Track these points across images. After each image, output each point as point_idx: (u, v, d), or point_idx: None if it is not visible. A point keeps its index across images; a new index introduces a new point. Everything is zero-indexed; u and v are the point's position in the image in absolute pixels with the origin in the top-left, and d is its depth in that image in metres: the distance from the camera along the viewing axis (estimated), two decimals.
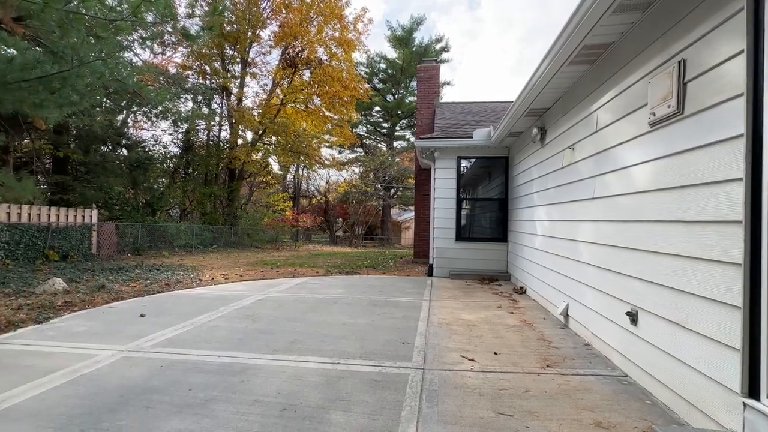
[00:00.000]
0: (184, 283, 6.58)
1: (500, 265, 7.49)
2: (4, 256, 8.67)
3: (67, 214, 10.36)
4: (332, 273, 8.28)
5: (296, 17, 18.88)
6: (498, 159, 7.60)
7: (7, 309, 4.33)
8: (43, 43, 5.68)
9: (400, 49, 30.01)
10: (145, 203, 15.35)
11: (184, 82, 15.26)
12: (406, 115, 32.77)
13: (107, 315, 4.30)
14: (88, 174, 13.27)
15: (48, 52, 4.14)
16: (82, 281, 6.38)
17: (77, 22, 3.03)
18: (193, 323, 3.99)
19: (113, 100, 10.92)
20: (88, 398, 2.30)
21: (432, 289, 6.23)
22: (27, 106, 3.49)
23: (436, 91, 10.68)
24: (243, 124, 18.71)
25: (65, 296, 5.11)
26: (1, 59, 3.30)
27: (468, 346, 3.39)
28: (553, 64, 3.52)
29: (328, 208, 31.72)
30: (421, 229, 10.71)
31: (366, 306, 4.96)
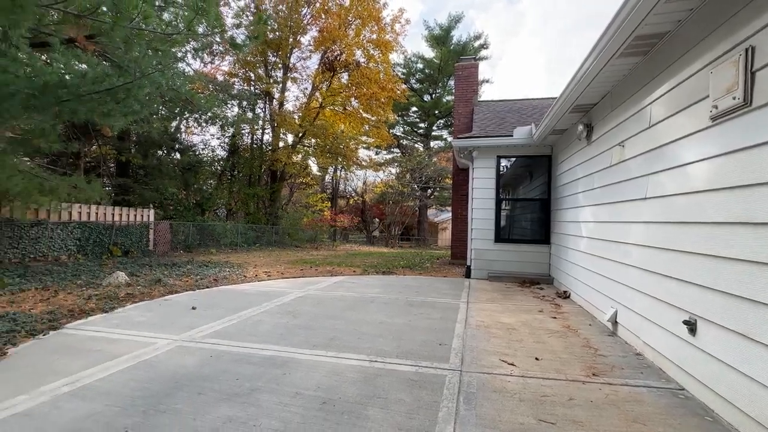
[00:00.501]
0: (230, 279, 6.95)
1: (542, 267, 7.21)
2: (76, 251, 9.62)
3: (128, 214, 11.29)
4: (369, 272, 8.38)
5: (335, 21, 19.30)
6: (540, 158, 7.32)
7: (79, 299, 4.81)
8: (108, 57, 6.25)
9: (437, 48, 29.74)
10: (196, 203, 16.37)
11: (230, 89, 16.12)
12: (443, 114, 32.41)
13: (163, 307, 4.64)
14: (146, 176, 14.38)
15: (114, 66, 4.56)
16: (141, 275, 6.94)
17: (139, 38, 3.32)
18: (239, 317, 4.22)
19: (168, 107, 11.78)
20: (148, 382, 2.51)
21: (470, 291, 6.12)
22: (97, 115, 3.86)
23: (474, 90, 10.48)
24: (284, 127, 19.41)
25: (127, 288, 5.58)
26: (76, 74, 3.67)
27: (507, 350, 3.31)
28: (602, 57, 3.34)
29: (365, 209, 32.09)
30: (458, 230, 10.55)
31: (402, 306, 4.97)
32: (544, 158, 7.27)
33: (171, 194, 14.97)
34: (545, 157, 7.26)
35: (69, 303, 4.55)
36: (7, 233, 8.15)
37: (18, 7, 2.04)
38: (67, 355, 2.96)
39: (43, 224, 8.88)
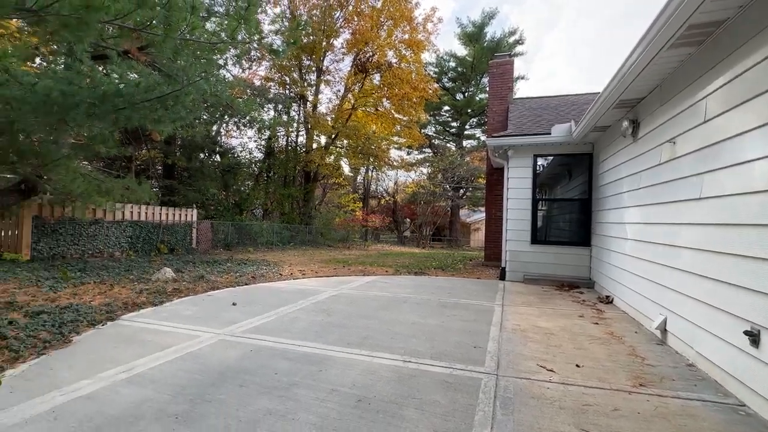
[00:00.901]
0: (267, 277, 7.20)
1: (582, 271, 6.90)
2: (128, 248, 10.33)
3: (174, 213, 11.98)
4: (401, 273, 8.38)
5: (367, 23, 19.48)
6: (580, 156, 7.01)
7: (132, 292, 5.17)
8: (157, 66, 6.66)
9: (470, 45, 29.23)
10: (234, 204, 17.09)
11: (267, 93, 16.70)
12: (476, 113, 31.80)
13: (206, 302, 4.89)
14: (189, 178, 15.20)
15: (162, 75, 4.85)
16: (185, 271, 7.34)
17: (186, 47, 3.53)
18: (276, 313, 4.36)
19: (210, 113, 12.39)
20: (194, 373, 2.66)
21: (504, 294, 5.97)
22: (148, 121, 4.14)
23: (509, 87, 10.21)
24: (318, 129, 19.84)
25: (173, 284, 5.93)
26: (130, 84, 3.95)
27: (545, 356, 3.20)
28: (650, 49, 3.16)
29: (396, 209, 32.13)
30: (492, 230, 10.32)
31: (435, 307, 4.94)
32: (585, 156, 6.96)
33: (212, 195, 15.74)
34: (585, 156, 6.95)
35: (123, 296, 4.90)
36: (69, 231, 8.89)
37: (83, 24, 2.25)
38: (122, 345, 3.20)
39: (99, 223, 9.60)
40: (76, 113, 3.74)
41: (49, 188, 5.51)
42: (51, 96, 3.73)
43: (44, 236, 8.42)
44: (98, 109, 3.85)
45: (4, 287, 5.00)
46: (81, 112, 3.74)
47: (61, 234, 8.74)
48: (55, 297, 4.59)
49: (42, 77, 3.91)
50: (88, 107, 3.78)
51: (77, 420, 2.01)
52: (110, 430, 1.93)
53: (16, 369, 2.64)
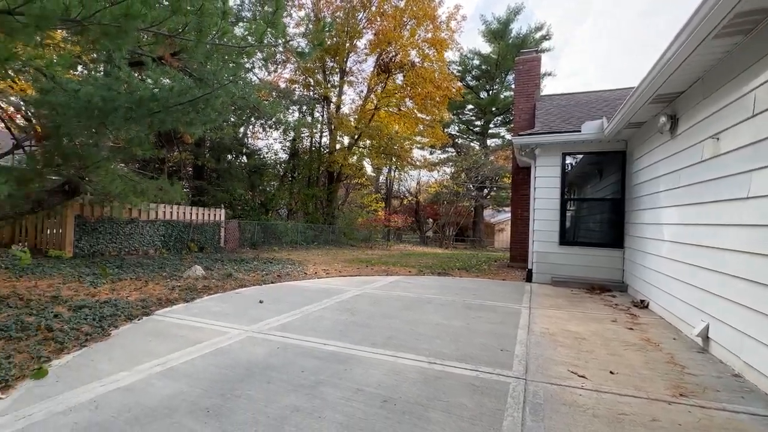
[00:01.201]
0: (292, 275, 7.32)
1: (614, 273, 6.62)
2: (161, 246, 10.77)
3: (203, 213, 12.39)
4: (424, 273, 8.33)
5: (390, 23, 19.49)
6: (612, 154, 6.74)
7: (165, 289, 5.38)
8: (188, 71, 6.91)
9: (495, 42, 28.72)
10: (260, 204, 17.50)
11: (291, 95, 17.01)
12: (501, 111, 31.22)
13: (234, 299, 5.02)
14: (218, 179, 15.69)
15: (194, 79, 5.02)
16: (214, 269, 7.58)
17: (217, 52, 3.65)
18: (301, 312, 4.42)
19: (237, 115, 12.75)
20: (224, 368, 2.73)
21: (532, 296, 5.82)
22: (181, 124, 4.30)
23: (536, 84, 9.95)
24: (341, 129, 20.02)
25: (203, 281, 6.13)
26: (164, 89, 4.11)
27: (577, 361, 3.08)
28: (692, 40, 2.98)
29: (419, 209, 31.99)
30: (518, 231, 10.09)
31: (460, 308, 4.87)
32: (617, 154, 6.68)
33: (239, 195, 16.17)
34: (618, 154, 6.67)
35: (157, 292, 5.11)
36: (108, 230, 9.37)
37: (122, 32, 2.36)
38: (157, 339, 3.33)
39: (135, 222, 10.06)
40: (114, 117, 3.92)
41: (89, 189, 5.83)
42: (92, 101, 3.93)
43: (85, 234, 8.90)
44: (135, 113, 4.03)
45: (50, 282, 5.32)
46: (119, 116, 3.92)
47: (100, 233, 9.22)
48: (96, 292, 4.84)
49: (84, 84, 4.13)
50: (125, 111, 3.96)
51: (116, 410, 2.10)
52: (147, 420, 2.01)
53: (61, 359, 2.79)
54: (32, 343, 2.96)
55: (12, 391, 2.29)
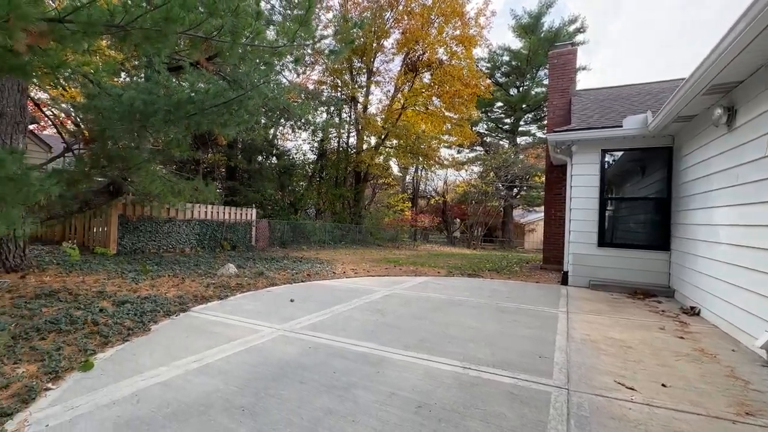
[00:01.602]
0: (321, 275, 7.38)
1: (658, 277, 6.22)
2: (196, 245, 11.18)
3: (235, 213, 12.77)
4: (453, 274, 8.17)
5: (418, 22, 19.34)
6: (656, 150, 6.33)
7: (200, 286, 5.55)
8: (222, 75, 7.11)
9: (525, 37, 27.89)
10: (290, 203, 17.84)
11: (320, 96, 17.21)
12: (531, 108, 30.31)
13: (266, 297, 5.10)
14: (249, 179, 16.13)
15: (227, 82, 5.14)
16: (246, 267, 7.76)
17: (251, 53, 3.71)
18: (331, 311, 4.42)
19: (267, 117, 13.03)
20: (257, 366, 2.74)
21: (569, 300, 5.55)
22: (215, 126, 4.41)
23: (571, 79, 9.53)
24: (368, 129, 20.07)
25: (236, 279, 6.28)
26: (200, 91, 4.22)
27: (623, 371, 2.88)
28: (756, 24, 2.71)
29: (446, 209, 31.59)
30: (552, 232, 9.70)
31: (493, 311, 4.71)
32: (662, 151, 6.27)
33: (269, 195, 16.55)
34: (664, 150, 6.26)
35: (193, 289, 5.27)
36: (148, 228, 9.82)
37: (162, 36, 2.43)
38: (193, 335, 3.41)
39: (173, 221, 10.50)
40: (155, 119, 4.07)
41: (131, 189, 6.11)
42: (134, 105, 4.10)
43: (127, 233, 9.37)
44: (173, 116, 4.16)
45: (96, 278, 5.61)
46: (159, 119, 4.06)
47: (141, 231, 9.68)
48: (137, 288, 5.05)
49: (126, 89, 4.31)
50: (164, 114, 4.09)
51: (156, 405, 2.15)
52: (184, 417, 2.04)
53: (106, 353, 2.91)
54: (79, 336, 3.11)
55: (61, 382, 2.40)
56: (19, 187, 2.98)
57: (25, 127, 5.28)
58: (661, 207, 6.28)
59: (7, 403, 2.06)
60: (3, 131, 4.85)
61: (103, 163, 5.03)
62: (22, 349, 2.78)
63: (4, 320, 3.31)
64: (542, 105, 30.38)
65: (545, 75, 30.52)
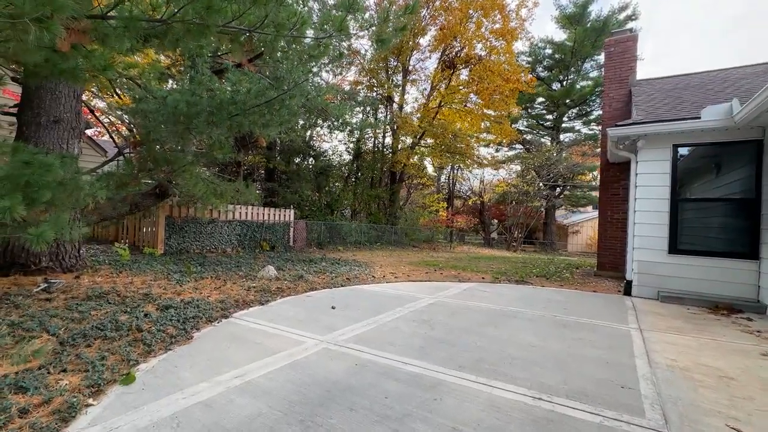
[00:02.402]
0: (360, 278, 7.16)
1: (744, 290, 5.42)
2: (237, 245, 11.39)
3: (274, 214, 12.91)
4: (500, 280, 7.66)
5: (456, 17, 18.76)
6: (741, 145, 5.53)
7: (241, 289, 5.49)
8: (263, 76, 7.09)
9: (570, 28, 26.41)
10: (326, 204, 17.90)
11: (356, 96, 17.11)
12: (576, 103, 28.70)
13: (306, 303, 4.92)
14: (287, 180, 16.34)
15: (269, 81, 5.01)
16: (286, 270, 7.70)
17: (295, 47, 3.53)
18: (375, 321, 4.15)
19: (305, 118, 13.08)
20: (302, 386, 2.51)
21: (638, 314, 4.94)
22: (257, 126, 4.30)
23: (630, 68, 8.69)
24: (404, 129, 19.74)
25: (276, 282, 6.19)
26: (242, 92, 4.10)
27: (734, 411, 2.37)
28: None
29: (483, 209, 30.61)
30: (608, 236, 8.91)
31: (552, 326, 4.24)
32: (749, 145, 5.47)
33: (306, 196, 16.68)
34: (750, 144, 5.46)
35: (234, 293, 5.21)
36: (192, 229, 10.09)
37: (204, 28, 2.28)
38: (234, 344, 3.26)
39: (215, 222, 10.74)
40: (198, 121, 3.99)
41: (176, 191, 6.19)
42: (178, 107, 4.05)
43: (173, 233, 9.66)
44: (216, 117, 4.07)
45: (143, 278, 5.72)
46: (202, 120, 3.98)
47: (186, 232, 9.95)
48: (181, 290, 5.05)
49: (171, 92, 4.27)
50: (207, 116, 4.01)
51: (196, 430, 1.96)
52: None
53: (148, 363, 2.80)
54: (123, 344, 3.04)
55: (103, 397, 2.28)
56: (69, 191, 2.94)
57: (80, 132, 5.46)
58: (747, 209, 5.47)
59: (47, 421, 1.95)
60: (60, 137, 5.02)
61: (149, 165, 5.09)
62: (68, 357, 2.72)
63: (56, 324, 3.32)
64: (588, 99, 28.64)
65: (592, 67, 28.76)
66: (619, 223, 8.77)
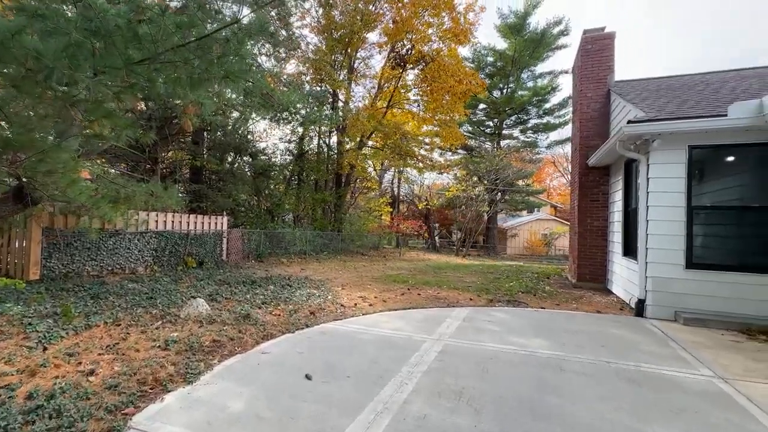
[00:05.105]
0: (327, 309, 5.48)
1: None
2: (152, 262, 8.89)
3: (202, 222, 10.53)
4: (492, 301, 6.51)
5: (408, 12, 17.78)
6: (763, 147, 5.01)
7: (154, 348, 3.52)
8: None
9: (511, 38, 27.12)
10: (266, 210, 15.62)
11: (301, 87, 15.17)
12: (515, 111, 29.63)
13: (264, 372, 3.17)
14: (219, 182, 13.81)
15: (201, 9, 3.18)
16: (222, 300, 5.73)
17: None
18: (384, 404, 2.60)
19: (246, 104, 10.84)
20: None
21: (687, 348, 4.03)
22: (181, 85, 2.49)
23: (609, 67, 8.23)
24: (354, 128, 18.17)
25: (210, 327, 4.28)
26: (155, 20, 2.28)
27: None
28: None
29: (429, 214, 30.18)
30: (588, 245, 8.33)
31: (622, 383, 3.07)
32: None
33: (243, 200, 14.30)
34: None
35: (141, 358, 3.26)
36: (86, 245, 7.50)
37: None
38: None
39: (120, 234, 8.19)
40: (59, 64, 2.10)
41: (43, 194, 3.97)
42: (21, 39, 2.12)
43: (56, 251, 7.04)
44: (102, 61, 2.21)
45: None
46: (65, 64, 2.10)
47: (76, 249, 7.35)
48: (37, 366, 2.97)
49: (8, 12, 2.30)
50: (81, 55, 2.14)
51: None
52: None
53: None
54: None
55: None
56: None
57: None
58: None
59: None
60: None
61: None
62: None
63: None
64: (525, 108, 29.80)
65: (528, 77, 30.01)
66: (599, 231, 8.24)
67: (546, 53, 27.75)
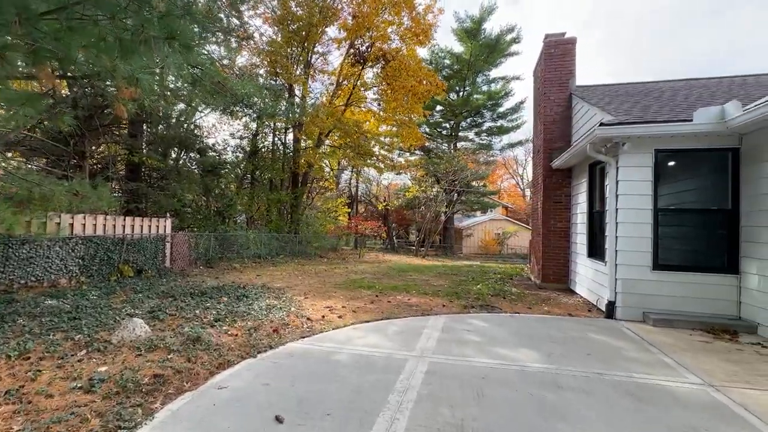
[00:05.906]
0: (291, 324, 4.89)
1: (725, 307, 5.11)
2: (79, 273, 7.66)
3: (141, 225, 9.34)
4: (467, 308, 6.26)
5: (369, 7, 17.36)
6: (719, 152, 5.23)
7: (74, 391, 2.76)
8: None
9: (467, 42, 27.70)
10: (216, 211, 14.41)
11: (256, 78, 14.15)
12: (471, 114, 30.36)
13: (222, 415, 2.58)
14: (161, 180, 12.43)
15: None
16: (166, 317, 4.92)
17: None
18: None
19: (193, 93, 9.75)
20: None
21: (668, 352, 4.01)
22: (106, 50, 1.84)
23: (571, 71, 8.41)
24: (313, 124, 17.38)
25: (151, 355, 3.54)
26: None
27: None
28: None
29: (388, 214, 30.01)
30: (552, 246, 8.44)
31: (624, 399, 2.89)
32: (725, 153, 5.20)
33: (190, 201, 13.03)
34: (727, 152, 5.19)
35: (54, 406, 2.51)
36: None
37: None
38: None
39: (36, 241, 6.93)
40: None
41: None
42: None
43: None
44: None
45: None
46: None
47: None
48: None
49: None
50: None
51: None
52: None
53: None
54: None
55: None
56: None
57: None
58: (725, 220, 5.18)
59: None
60: None
61: None
62: None
63: None
64: (481, 111, 30.65)
65: (483, 81, 30.89)
66: (562, 233, 8.39)
67: (499, 59, 28.69)
